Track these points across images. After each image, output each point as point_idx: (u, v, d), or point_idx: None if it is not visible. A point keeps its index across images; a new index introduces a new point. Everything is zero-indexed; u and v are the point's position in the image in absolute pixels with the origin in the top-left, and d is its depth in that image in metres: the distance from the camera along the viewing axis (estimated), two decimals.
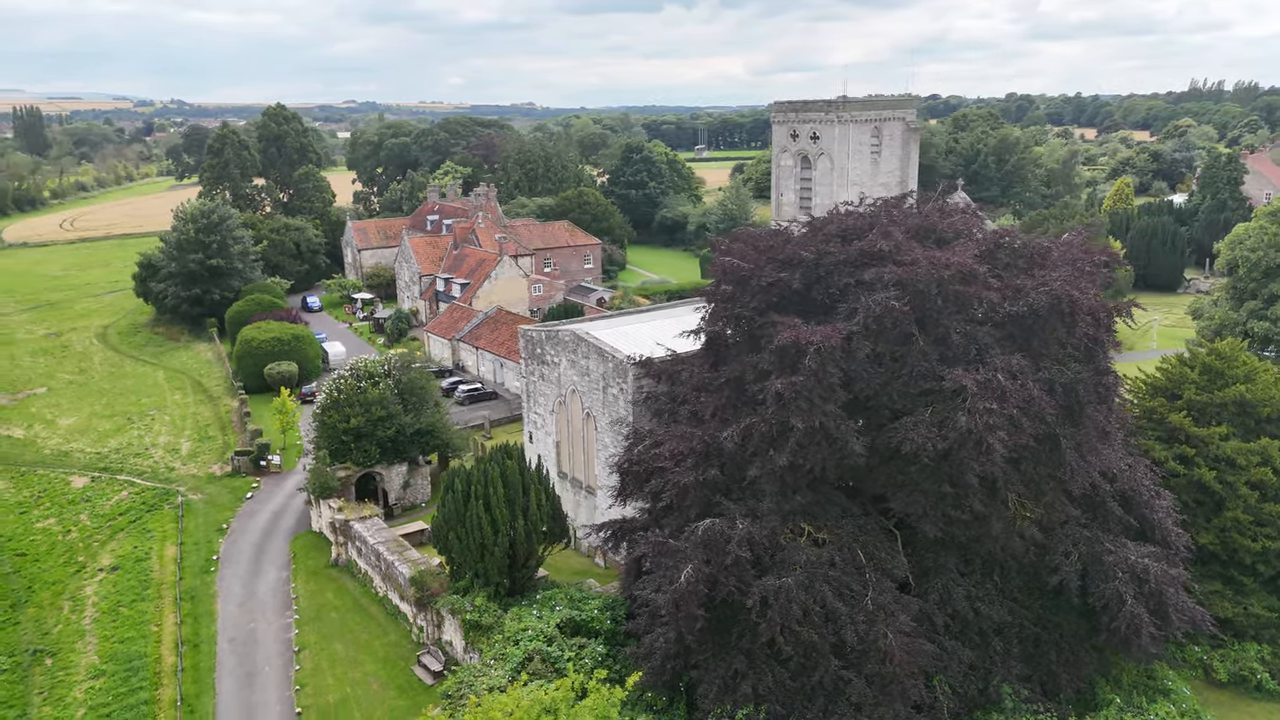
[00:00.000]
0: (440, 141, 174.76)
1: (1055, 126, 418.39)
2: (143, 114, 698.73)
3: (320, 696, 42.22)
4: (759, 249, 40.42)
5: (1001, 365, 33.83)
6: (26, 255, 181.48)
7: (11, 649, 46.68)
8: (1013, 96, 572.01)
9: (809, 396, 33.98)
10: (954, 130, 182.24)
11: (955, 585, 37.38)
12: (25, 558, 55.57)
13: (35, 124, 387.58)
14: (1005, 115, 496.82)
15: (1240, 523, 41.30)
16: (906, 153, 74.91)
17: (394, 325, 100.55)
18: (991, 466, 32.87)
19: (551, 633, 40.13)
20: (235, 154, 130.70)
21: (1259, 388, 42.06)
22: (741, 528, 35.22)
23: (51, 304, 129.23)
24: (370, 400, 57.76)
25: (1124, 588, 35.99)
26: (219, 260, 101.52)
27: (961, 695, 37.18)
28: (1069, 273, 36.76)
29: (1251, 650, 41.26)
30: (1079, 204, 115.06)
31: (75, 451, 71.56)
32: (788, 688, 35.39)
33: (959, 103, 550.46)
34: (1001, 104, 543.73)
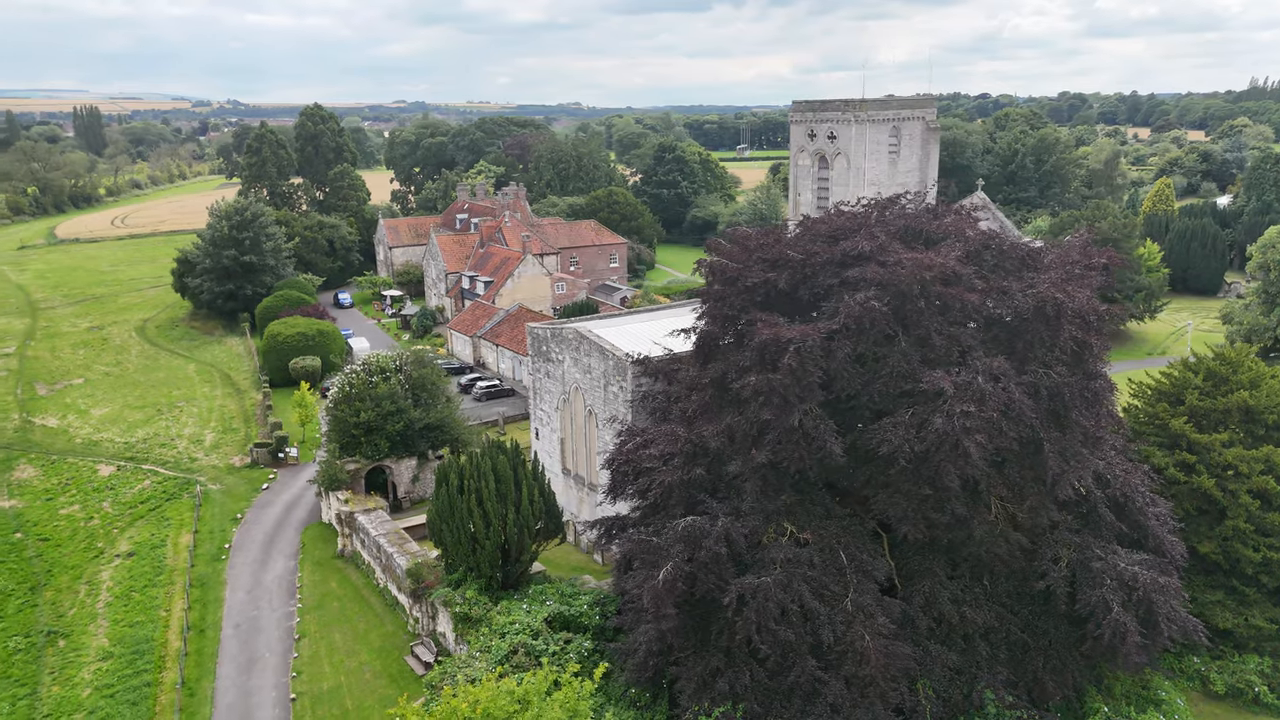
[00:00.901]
0: (476, 141, 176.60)
1: (1107, 126, 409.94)
2: (200, 114, 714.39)
3: (315, 684, 43.17)
4: (748, 249, 40.47)
5: (983, 367, 33.54)
6: (78, 250, 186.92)
7: (28, 629, 48.39)
8: (1065, 95, 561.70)
9: (786, 395, 34.03)
10: (995, 130, 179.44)
11: (941, 588, 37.09)
12: (48, 542, 57.53)
13: (94, 123, 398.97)
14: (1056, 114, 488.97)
15: (1242, 532, 40.39)
16: (926, 152, 74.11)
17: (419, 322, 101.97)
18: (970, 469, 32.60)
19: (538, 627, 40.57)
20: (273, 153, 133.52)
21: (1264, 394, 41.06)
22: (720, 526, 35.39)
23: (96, 298, 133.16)
24: (380, 395, 58.78)
25: (1111, 595, 35.41)
26: (252, 256, 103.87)
27: (946, 699, 36.95)
28: (1058, 275, 36.29)
29: (1251, 663, 40.34)
30: (1114, 206, 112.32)
31: (105, 441, 73.80)
32: (765, 687, 35.50)
33: (1009, 101, 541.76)
34: (1053, 103, 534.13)
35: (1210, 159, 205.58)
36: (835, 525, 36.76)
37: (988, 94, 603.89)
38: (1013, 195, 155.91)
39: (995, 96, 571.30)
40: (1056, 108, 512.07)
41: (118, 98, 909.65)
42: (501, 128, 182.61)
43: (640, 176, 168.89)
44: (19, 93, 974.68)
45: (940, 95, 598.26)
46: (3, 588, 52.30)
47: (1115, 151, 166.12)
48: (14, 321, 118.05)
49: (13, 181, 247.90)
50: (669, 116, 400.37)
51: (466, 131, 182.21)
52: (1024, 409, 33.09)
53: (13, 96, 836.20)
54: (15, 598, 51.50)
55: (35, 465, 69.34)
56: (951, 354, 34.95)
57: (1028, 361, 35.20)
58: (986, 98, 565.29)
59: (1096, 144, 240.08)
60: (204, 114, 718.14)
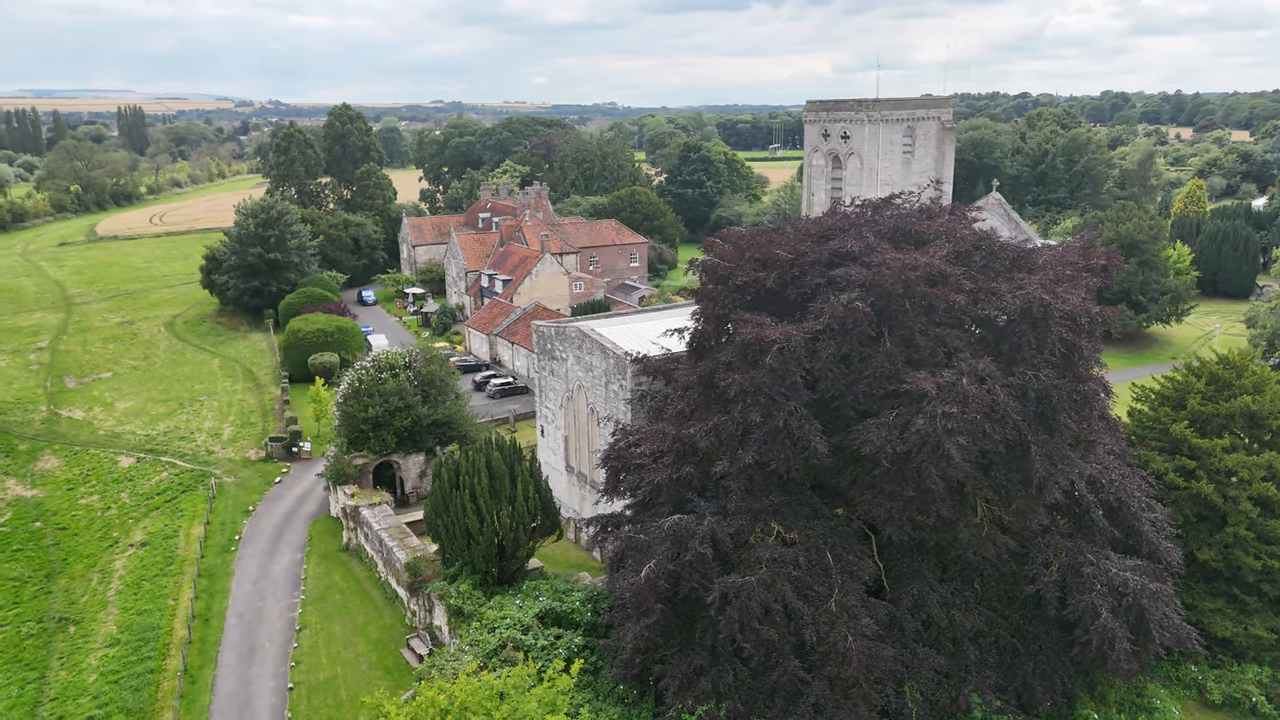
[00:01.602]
0: (503, 141, 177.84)
1: (1149, 125, 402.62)
2: (242, 114, 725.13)
3: (312, 674, 43.94)
4: (741, 248, 40.54)
5: (968, 369, 33.33)
6: (117, 247, 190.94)
7: (40, 616, 49.77)
8: (1107, 94, 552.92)
9: (771, 394, 34.12)
10: (1026, 130, 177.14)
11: (930, 591, 36.97)
12: (65, 531, 59.07)
13: (138, 123, 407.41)
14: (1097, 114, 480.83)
15: (1243, 539, 39.70)
16: (942, 153, 73.47)
17: (439, 319, 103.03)
18: (952, 471, 32.40)
19: (529, 622, 40.97)
20: (300, 152, 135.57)
21: (1267, 399, 40.31)
22: (706, 525, 35.51)
23: (129, 294, 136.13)
24: (388, 391, 59.57)
25: (1100, 600, 35.06)
26: (276, 254, 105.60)
27: (933, 703, 36.76)
28: (1048, 277, 35.94)
29: (1250, 672, 39.64)
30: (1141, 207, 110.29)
31: (127, 433, 75.53)
32: (748, 686, 35.58)
33: (1049, 101, 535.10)
34: (1095, 102, 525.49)
35: (1250, 160, 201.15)
36: (822, 526, 36.73)
37: (1028, 93, 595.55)
38: (1042, 196, 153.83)
39: (1035, 96, 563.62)
40: (1098, 107, 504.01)
41: (163, 98, 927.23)
42: (528, 127, 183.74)
43: (665, 176, 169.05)
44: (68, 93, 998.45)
45: (978, 95, 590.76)
46: (20, 575, 53.81)
47: (1149, 152, 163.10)
48: (49, 316, 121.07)
49: (56, 180, 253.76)
50: (701, 116, 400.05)
51: (494, 131, 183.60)
52: (1009, 411, 32.81)
53: (62, 96, 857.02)
54: (31, 584, 52.97)
55: (59, 456, 71.18)
56: (937, 355, 34.76)
57: (1016, 363, 34.87)
58: (1026, 97, 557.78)
59: (1134, 144, 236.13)
60: (246, 114, 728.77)
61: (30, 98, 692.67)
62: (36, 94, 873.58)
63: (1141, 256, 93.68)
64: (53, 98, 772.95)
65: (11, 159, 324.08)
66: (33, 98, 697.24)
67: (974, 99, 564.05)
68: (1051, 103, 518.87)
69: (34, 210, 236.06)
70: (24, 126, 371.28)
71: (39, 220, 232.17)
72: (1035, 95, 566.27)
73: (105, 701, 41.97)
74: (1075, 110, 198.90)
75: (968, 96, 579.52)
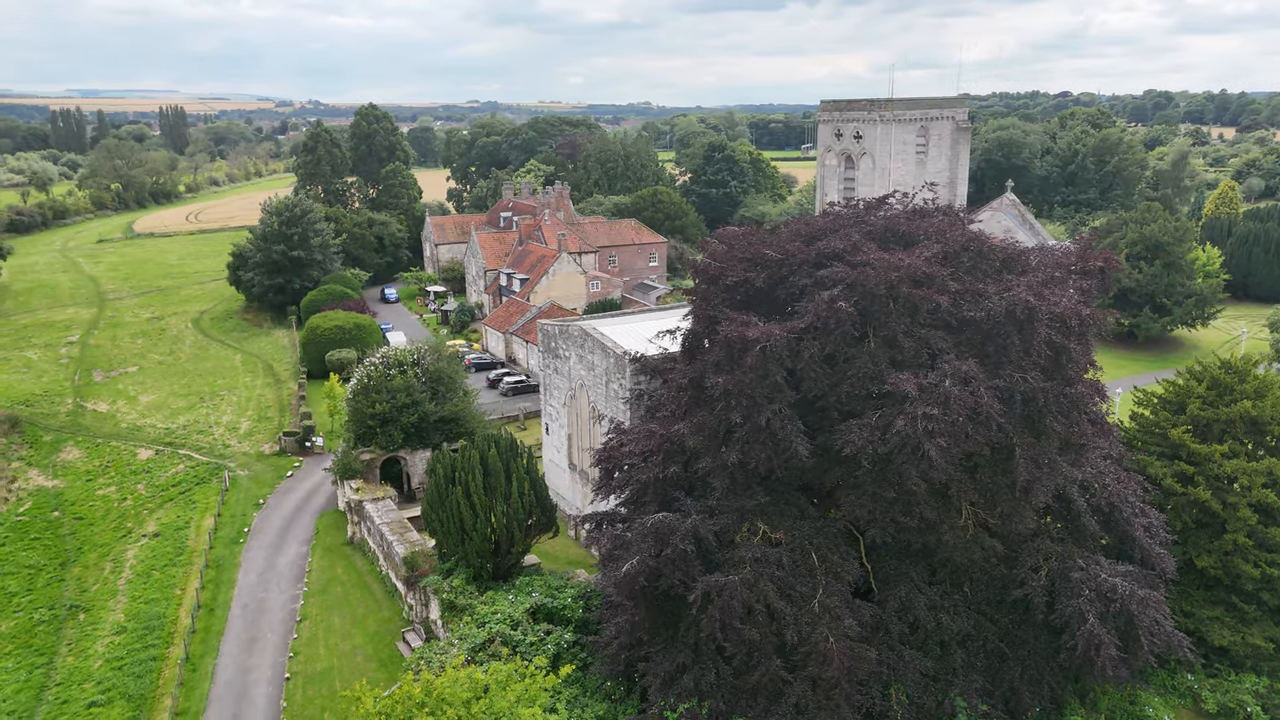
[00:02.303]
0: (529, 140, 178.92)
1: (1191, 125, 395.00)
2: (282, 114, 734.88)
3: (309, 664, 44.69)
4: (733, 248, 40.59)
5: (951, 371, 33.11)
6: (152, 244, 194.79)
7: (52, 603, 51.11)
8: (1150, 93, 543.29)
9: (752, 394, 34.13)
10: (1058, 130, 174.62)
11: (918, 594, 36.80)
12: (82, 521, 60.55)
13: (179, 123, 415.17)
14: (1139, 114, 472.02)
15: (1242, 547, 39.01)
16: (956, 153, 72.80)
17: (457, 317, 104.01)
18: (933, 472, 32.20)
19: (519, 617, 41.36)
20: (327, 151, 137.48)
21: (1268, 405, 39.56)
22: (689, 523, 35.63)
23: (160, 290, 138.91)
24: (396, 387, 60.31)
25: (1087, 606, 34.73)
26: (300, 251, 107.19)
27: (919, 706, 36.60)
28: (1037, 279, 35.59)
29: (1248, 682, 38.97)
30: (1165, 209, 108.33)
31: (147, 426, 77.16)
32: (730, 685, 35.67)
33: (1090, 100, 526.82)
34: (1137, 101, 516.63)
35: None
36: (809, 526, 36.67)
37: (1068, 92, 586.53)
38: (1071, 197, 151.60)
39: (1076, 94, 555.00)
40: (1140, 106, 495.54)
41: (206, 98, 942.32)
42: (554, 127, 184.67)
43: (690, 176, 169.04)
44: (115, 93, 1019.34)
45: (1016, 94, 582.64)
46: (35, 563, 55.27)
47: (1183, 152, 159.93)
48: (82, 311, 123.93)
49: (97, 178, 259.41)
50: (732, 115, 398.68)
51: (520, 131, 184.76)
52: (992, 413, 32.53)
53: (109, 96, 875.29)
54: (46, 572, 54.40)
55: (81, 448, 72.90)
56: (921, 356, 34.56)
57: (1002, 365, 34.55)
58: (1066, 96, 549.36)
59: (1174, 144, 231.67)
60: (286, 114, 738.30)
61: (77, 97, 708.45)
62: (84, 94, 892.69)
63: (1166, 259, 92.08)
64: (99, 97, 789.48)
65: (56, 157, 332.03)
66: (80, 97, 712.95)
67: (1012, 98, 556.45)
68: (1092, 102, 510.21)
69: (75, 208, 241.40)
70: (69, 126, 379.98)
71: (80, 218, 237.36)
72: (1076, 94, 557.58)
73: (108, 687, 43.01)
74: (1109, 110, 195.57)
75: (1005, 96, 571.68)
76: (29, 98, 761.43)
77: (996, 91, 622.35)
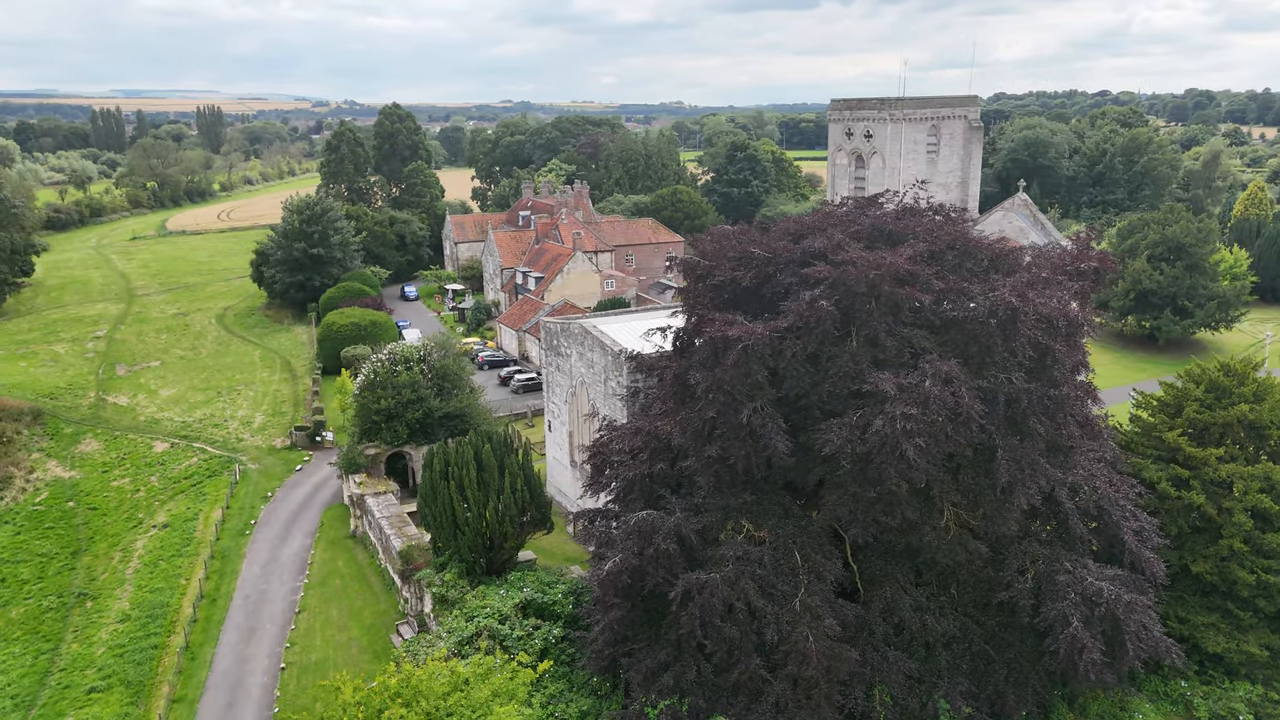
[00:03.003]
0: (552, 140, 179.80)
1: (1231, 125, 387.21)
2: (318, 114, 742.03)
3: (305, 655, 45.38)
4: (723, 246, 40.66)
5: (932, 370, 32.93)
6: (184, 242, 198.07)
7: (61, 591, 52.33)
8: (1191, 92, 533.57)
9: (733, 392, 34.19)
10: (1089, 128, 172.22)
11: (903, 595, 36.70)
12: (95, 511, 61.89)
13: (216, 123, 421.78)
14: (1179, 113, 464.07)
15: (1237, 552, 38.37)
16: (968, 152, 72.16)
17: (473, 315, 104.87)
18: (912, 473, 32.06)
19: (508, 612, 41.69)
20: (350, 150, 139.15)
21: (1266, 408, 38.87)
22: (672, 521, 35.75)
23: (188, 286, 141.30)
24: (400, 383, 60.98)
25: (1071, 609, 34.41)
26: (320, 249, 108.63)
27: (903, 707, 36.47)
28: (1022, 279, 35.28)
29: (1242, 690, 38.34)
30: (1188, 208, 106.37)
31: (165, 420, 78.63)
32: (711, 683, 35.77)
33: (1129, 99, 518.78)
34: (1178, 100, 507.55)
35: None
36: (793, 526, 36.65)
37: (1107, 91, 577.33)
38: (1099, 197, 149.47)
39: (1115, 94, 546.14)
40: (1180, 106, 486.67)
41: (245, 98, 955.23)
42: (578, 127, 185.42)
43: (712, 175, 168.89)
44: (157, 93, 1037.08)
45: (1053, 93, 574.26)
46: (48, 551, 56.61)
47: (1215, 151, 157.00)
48: (110, 307, 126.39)
49: (134, 177, 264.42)
50: (761, 115, 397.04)
51: (544, 130, 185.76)
52: (973, 414, 32.31)
53: (151, 96, 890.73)
54: (57, 561, 55.68)
55: (100, 440, 74.46)
56: (903, 355, 34.44)
57: (986, 366, 34.32)
58: (1105, 95, 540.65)
59: (1210, 143, 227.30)
60: (322, 114, 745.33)
61: (120, 98, 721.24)
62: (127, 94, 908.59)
63: (1188, 260, 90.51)
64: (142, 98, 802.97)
65: (96, 156, 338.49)
66: (123, 98, 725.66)
67: (1049, 97, 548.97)
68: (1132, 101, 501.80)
69: (111, 206, 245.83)
70: (108, 125, 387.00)
71: (115, 215, 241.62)
72: (1115, 93, 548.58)
73: (109, 674, 43.97)
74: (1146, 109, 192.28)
75: (1042, 95, 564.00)
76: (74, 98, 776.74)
77: (1033, 90, 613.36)
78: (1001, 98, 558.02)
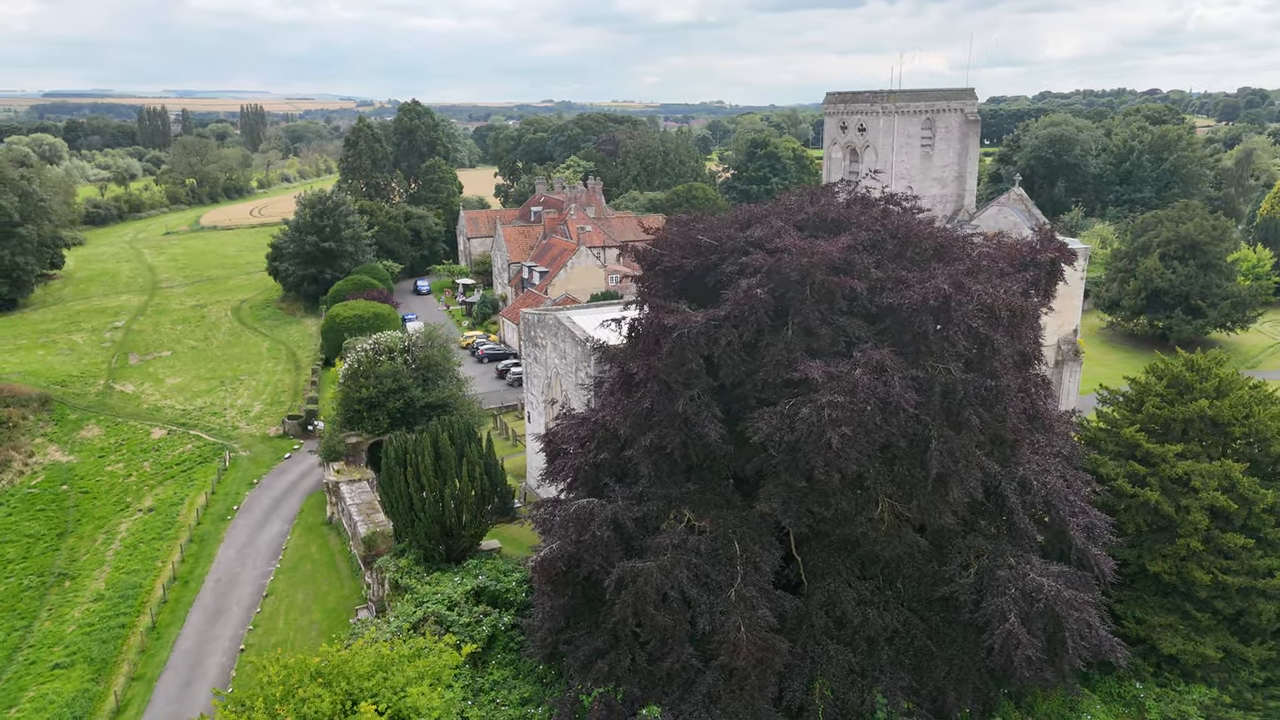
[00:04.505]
0: (574, 137, 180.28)
1: None
2: (362, 113, 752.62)
3: (266, 637, 45.99)
4: (674, 234, 40.50)
5: (863, 359, 32.50)
6: (214, 237, 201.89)
7: (42, 570, 53.59)
8: (1244, 91, 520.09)
9: (667, 380, 34.08)
10: (1119, 126, 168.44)
11: (846, 588, 36.24)
12: (87, 495, 63.30)
13: (258, 122, 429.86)
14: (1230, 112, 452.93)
15: (1195, 552, 37.32)
16: (965, 146, 70.96)
17: (479, 309, 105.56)
18: (841, 462, 31.65)
19: (457, 598, 41.88)
20: (368, 146, 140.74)
21: (1227, 405, 37.73)
22: (609, 509, 35.68)
23: (211, 280, 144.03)
24: (382, 373, 61.53)
25: (1009, 605, 33.69)
26: (331, 243, 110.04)
27: (843, 701, 36.04)
28: (963, 268, 34.62)
29: (1197, 693, 37.26)
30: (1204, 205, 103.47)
31: (167, 407, 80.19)
32: (646, 672, 35.60)
33: (1180, 98, 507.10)
34: (1230, 99, 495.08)
35: None
36: (734, 515, 36.34)
37: (1157, 89, 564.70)
38: (1125, 196, 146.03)
39: (1165, 92, 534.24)
40: (1231, 105, 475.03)
41: (293, 98, 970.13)
42: (599, 124, 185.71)
43: (733, 173, 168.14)
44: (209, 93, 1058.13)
45: (1100, 92, 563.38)
46: (35, 532, 58.01)
47: (1249, 149, 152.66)
48: (133, 299, 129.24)
49: (173, 173, 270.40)
50: (796, 113, 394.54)
51: (566, 128, 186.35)
52: (904, 403, 31.81)
53: (202, 97, 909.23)
54: (43, 541, 57.04)
55: (101, 426, 76.15)
56: (838, 344, 34.04)
57: (922, 355, 33.75)
58: (1155, 94, 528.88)
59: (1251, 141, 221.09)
60: (367, 113, 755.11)
61: (173, 98, 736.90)
62: (179, 94, 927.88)
63: (1203, 259, 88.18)
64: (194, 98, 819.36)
65: (141, 154, 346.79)
66: (176, 98, 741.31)
67: (1096, 96, 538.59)
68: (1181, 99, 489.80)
69: (150, 202, 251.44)
70: (154, 124, 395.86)
71: (154, 211, 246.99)
72: (1165, 92, 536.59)
73: (74, 651, 44.96)
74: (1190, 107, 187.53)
75: (1089, 93, 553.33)
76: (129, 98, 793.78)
77: (1080, 89, 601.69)
78: (1046, 96, 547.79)
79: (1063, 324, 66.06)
